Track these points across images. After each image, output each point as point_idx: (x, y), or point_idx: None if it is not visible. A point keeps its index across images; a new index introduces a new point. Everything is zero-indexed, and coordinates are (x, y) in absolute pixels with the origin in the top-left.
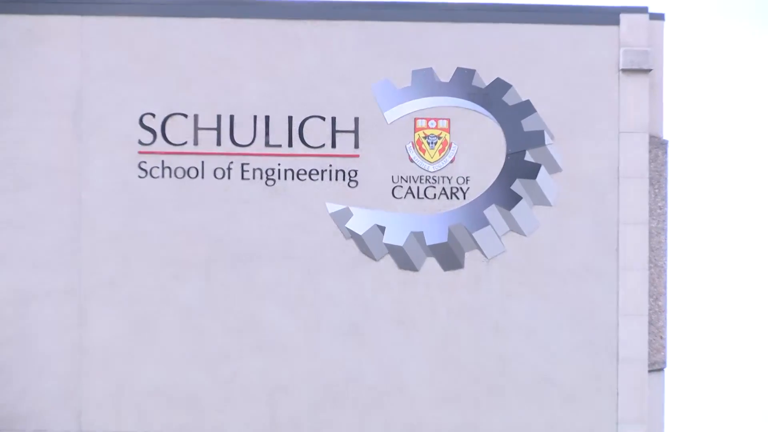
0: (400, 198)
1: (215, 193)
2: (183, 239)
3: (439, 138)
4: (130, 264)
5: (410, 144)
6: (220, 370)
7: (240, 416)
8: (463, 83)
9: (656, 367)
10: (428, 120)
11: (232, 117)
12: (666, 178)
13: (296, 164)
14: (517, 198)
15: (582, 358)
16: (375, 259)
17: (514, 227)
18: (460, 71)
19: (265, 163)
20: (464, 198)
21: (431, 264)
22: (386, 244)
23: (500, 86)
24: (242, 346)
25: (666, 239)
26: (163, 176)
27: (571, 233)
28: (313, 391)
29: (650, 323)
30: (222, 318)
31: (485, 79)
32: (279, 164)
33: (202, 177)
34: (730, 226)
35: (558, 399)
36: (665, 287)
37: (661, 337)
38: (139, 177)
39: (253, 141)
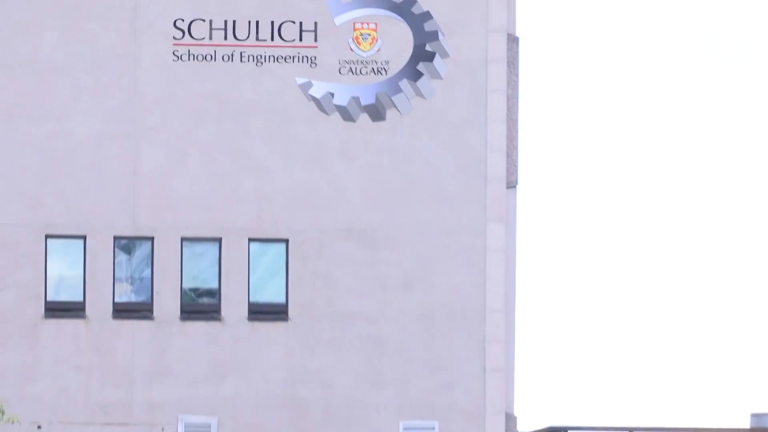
0: (345, 74)
1: (223, 70)
2: (202, 100)
3: (370, 35)
4: (166, 117)
5: (351, 39)
6: (226, 181)
7: (236, 205)
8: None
9: (511, 185)
10: (363, 23)
11: (234, 21)
12: (517, 65)
13: (276, 52)
14: (420, 74)
15: (461, 175)
16: (327, 114)
17: (419, 93)
18: None
19: (256, 51)
20: (386, 74)
21: (364, 117)
22: (335, 104)
23: (410, 1)
24: (240, 167)
25: (518, 94)
26: (189, 60)
27: (455, 97)
28: (288, 189)
29: (507, 155)
30: (227, 150)
31: None
32: (265, 52)
33: (214, 60)
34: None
35: (443, 196)
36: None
37: (515, 165)
38: (173, 60)
39: (248, 37)
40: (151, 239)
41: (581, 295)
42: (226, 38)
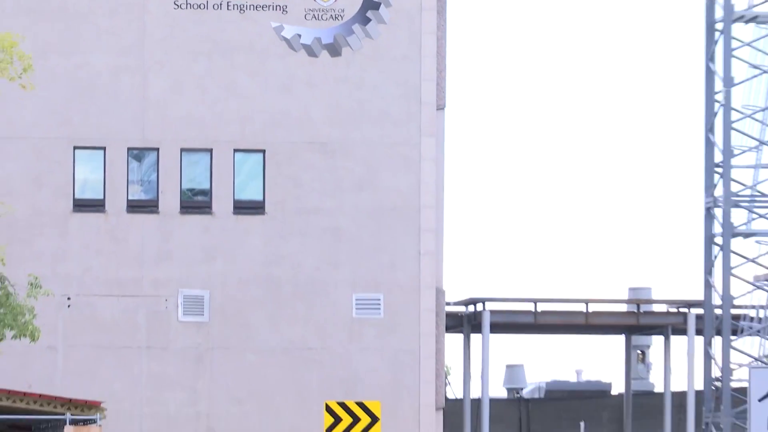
0: (309, 19)
1: (213, 17)
2: (197, 40)
3: None
4: (168, 53)
5: None
6: (215, 104)
7: (224, 123)
8: None
9: (440, 107)
10: None
11: None
12: (445, 12)
13: (255, 2)
14: (369, 20)
15: (401, 100)
16: (295, 51)
17: (368, 35)
18: None
19: (240, 1)
20: (342, 20)
21: (325, 54)
22: (302, 43)
23: None
24: (227, 93)
25: (446, 35)
26: (187, 8)
27: (396, 37)
28: (265, 111)
29: (437, 83)
30: (217, 80)
31: None
32: (247, 1)
33: (207, 8)
34: None
35: (387, 117)
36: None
37: (443, 92)
38: (174, 9)
39: None
40: (157, 150)
41: (496, 192)
42: None
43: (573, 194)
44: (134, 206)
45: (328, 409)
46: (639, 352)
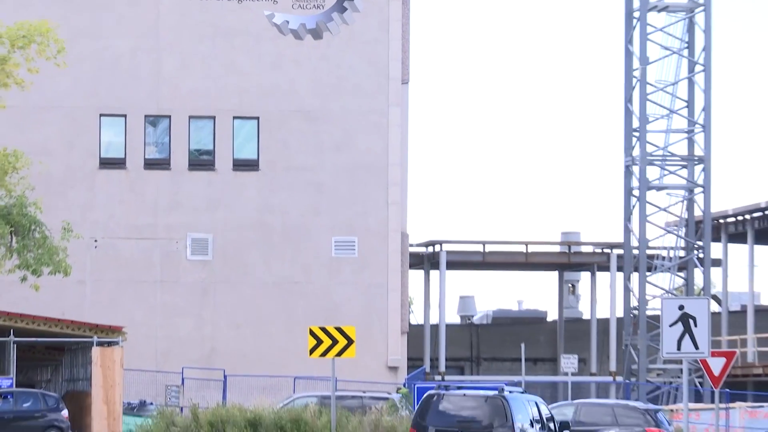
0: (296, 9)
1: (217, 5)
2: (203, 25)
3: None
4: (179, 36)
5: None
6: (218, 79)
7: (225, 95)
8: None
9: (405, 82)
10: None
11: None
12: (409, 2)
13: None
14: (345, 8)
15: (372, 76)
16: (284, 35)
17: (344, 21)
18: None
19: None
20: (323, 8)
21: (309, 37)
22: (290, 28)
23: None
24: (228, 70)
25: (409, 22)
26: None
27: (368, 24)
28: (259, 85)
29: (402, 62)
30: (219, 59)
31: None
32: None
33: None
34: None
35: (360, 90)
36: None
37: (407, 69)
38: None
39: None
40: (169, 117)
41: (452, 151)
42: None
43: (517, 153)
44: (150, 164)
45: (312, 333)
46: (570, 285)
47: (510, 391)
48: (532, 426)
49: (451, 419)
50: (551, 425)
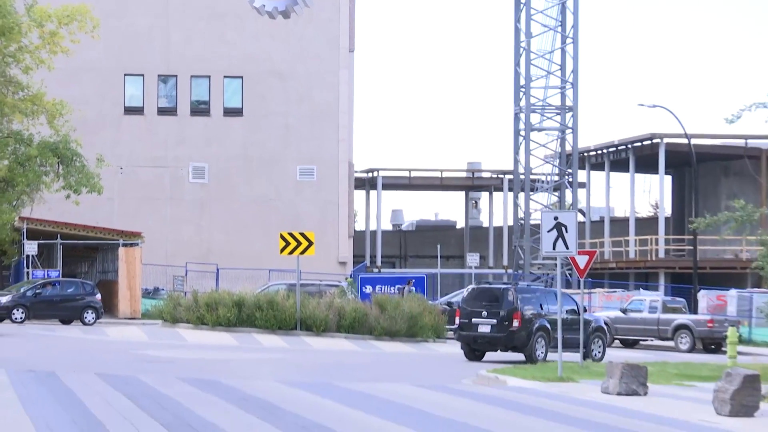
0: None
1: None
2: (201, 8)
3: None
4: (184, 16)
5: None
6: (214, 48)
7: (218, 59)
8: None
9: (351, 50)
10: None
11: None
12: None
13: None
14: None
15: (326, 45)
16: (261, 15)
17: (307, 5)
18: None
19: None
20: None
21: (280, 17)
22: (266, 10)
23: None
24: (221, 41)
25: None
26: None
27: (323, 5)
28: (243, 53)
29: (349, 36)
30: (214, 33)
31: None
32: None
33: None
34: None
35: (318, 56)
36: None
37: (353, 39)
38: None
39: None
40: (176, 76)
41: (386, 101)
42: None
43: (437, 103)
44: (161, 111)
45: (282, 237)
46: (473, 201)
47: (518, 285)
48: (534, 308)
49: (480, 302)
50: (544, 308)
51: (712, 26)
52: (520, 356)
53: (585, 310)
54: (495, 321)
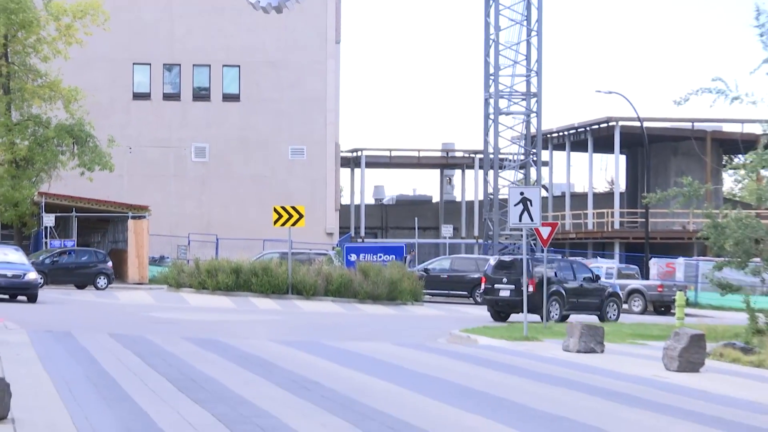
0: None
1: None
2: (202, 3)
3: None
4: (187, 9)
5: None
6: (214, 39)
7: (218, 50)
8: None
9: (338, 42)
10: None
11: None
12: None
13: None
14: None
15: (315, 38)
16: (256, 10)
17: (297, 1)
18: None
19: None
20: None
21: (273, 12)
22: (261, 6)
23: None
24: (222, 33)
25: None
26: None
27: (312, 2)
28: (240, 44)
29: (336, 28)
30: (215, 26)
31: None
32: None
33: None
34: None
35: (309, 47)
36: None
37: (339, 32)
38: None
39: None
40: (179, 65)
41: (369, 88)
42: None
43: (416, 89)
44: (166, 97)
45: (275, 210)
46: (447, 178)
47: (536, 256)
48: (555, 274)
49: (502, 271)
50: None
51: (663, 17)
52: (537, 317)
53: (598, 278)
54: (514, 287)
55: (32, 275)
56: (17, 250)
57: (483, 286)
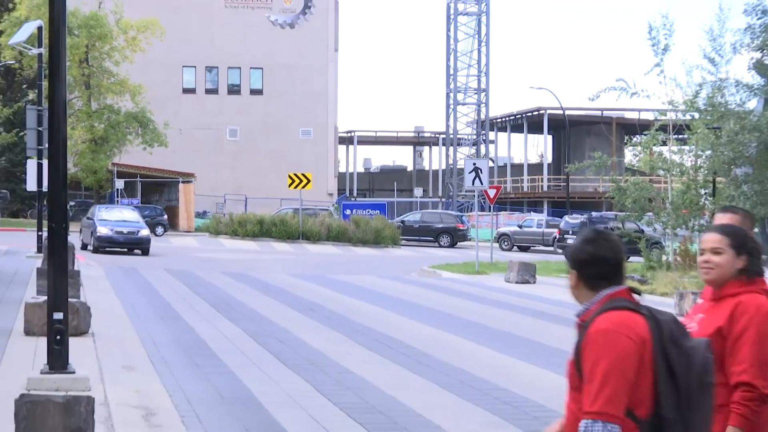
0: (281, 12)
1: (244, 10)
2: (220, 9)
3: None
4: (224, 23)
5: (283, 1)
6: (239, 46)
7: (245, 56)
8: None
9: (336, 49)
10: None
11: None
12: None
13: (259, 4)
14: (307, 10)
15: (319, 43)
16: (274, 26)
17: (306, 18)
18: None
19: (252, 4)
20: (295, 12)
21: (288, 27)
22: (278, 23)
23: None
24: (245, 39)
25: (338, 5)
26: (229, 8)
27: (320, 10)
28: (261, 50)
29: (335, 38)
30: (240, 31)
31: None
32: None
33: (238, 8)
34: None
35: (315, 49)
36: None
37: (337, 40)
38: (224, 8)
39: None
40: (217, 67)
41: (360, 87)
42: None
43: (399, 83)
44: (208, 91)
45: (290, 177)
46: (419, 152)
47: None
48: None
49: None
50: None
51: (582, 30)
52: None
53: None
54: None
55: (145, 231)
56: (133, 209)
57: (557, 236)
